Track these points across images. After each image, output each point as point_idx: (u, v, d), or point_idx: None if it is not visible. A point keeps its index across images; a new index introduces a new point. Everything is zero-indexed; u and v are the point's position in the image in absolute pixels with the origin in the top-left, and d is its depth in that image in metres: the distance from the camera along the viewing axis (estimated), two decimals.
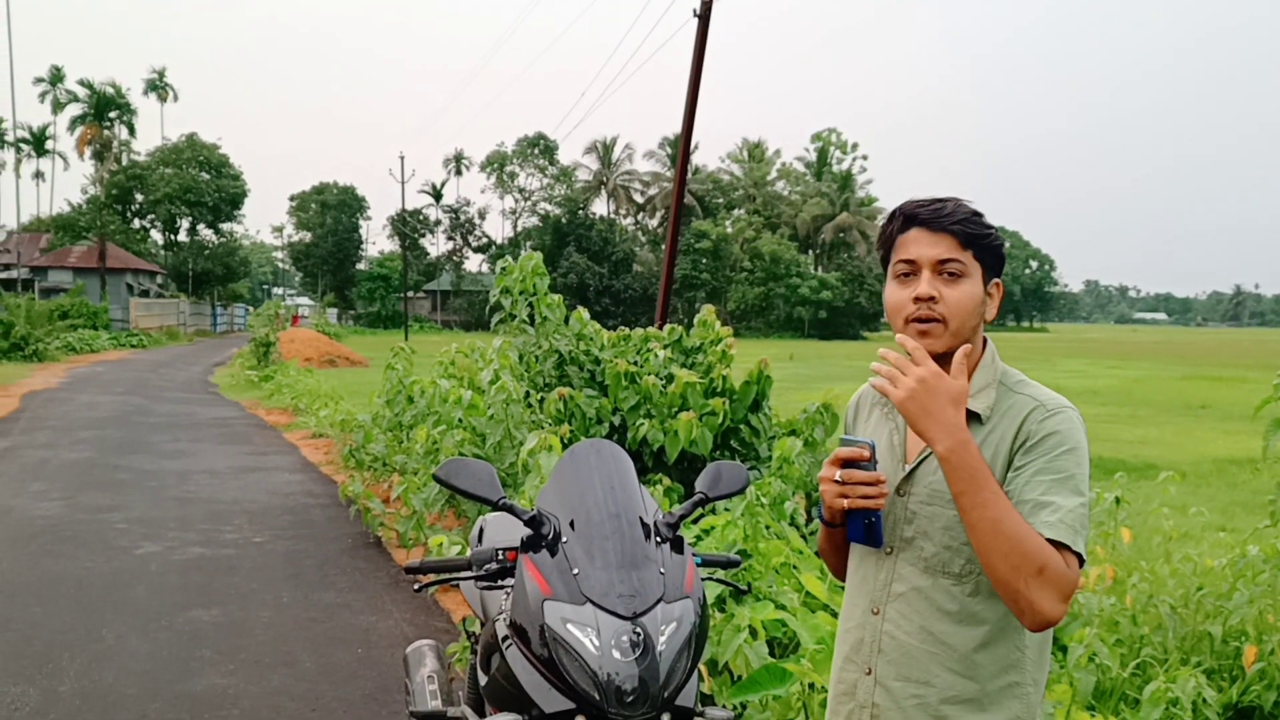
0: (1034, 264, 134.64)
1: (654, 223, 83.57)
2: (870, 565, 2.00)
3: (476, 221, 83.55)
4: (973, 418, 1.87)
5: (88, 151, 58.91)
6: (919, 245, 1.87)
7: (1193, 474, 12.01)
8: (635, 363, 7.97)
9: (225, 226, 66.43)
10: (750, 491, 4.79)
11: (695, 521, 5.07)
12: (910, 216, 1.90)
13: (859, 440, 1.90)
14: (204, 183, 61.65)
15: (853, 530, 1.96)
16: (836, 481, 1.89)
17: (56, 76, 61.55)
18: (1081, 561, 1.74)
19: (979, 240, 1.87)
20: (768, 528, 4.85)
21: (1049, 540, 1.72)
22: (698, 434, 6.88)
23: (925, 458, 1.92)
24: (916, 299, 1.85)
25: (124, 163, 61.17)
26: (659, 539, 2.40)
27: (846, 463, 1.89)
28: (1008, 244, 1.96)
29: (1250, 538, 4.95)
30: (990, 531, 1.72)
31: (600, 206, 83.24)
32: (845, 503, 1.88)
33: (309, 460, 13.02)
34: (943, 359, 1.86)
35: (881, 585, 1.97)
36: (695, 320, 8.55)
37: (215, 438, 15.02)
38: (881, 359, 1.85)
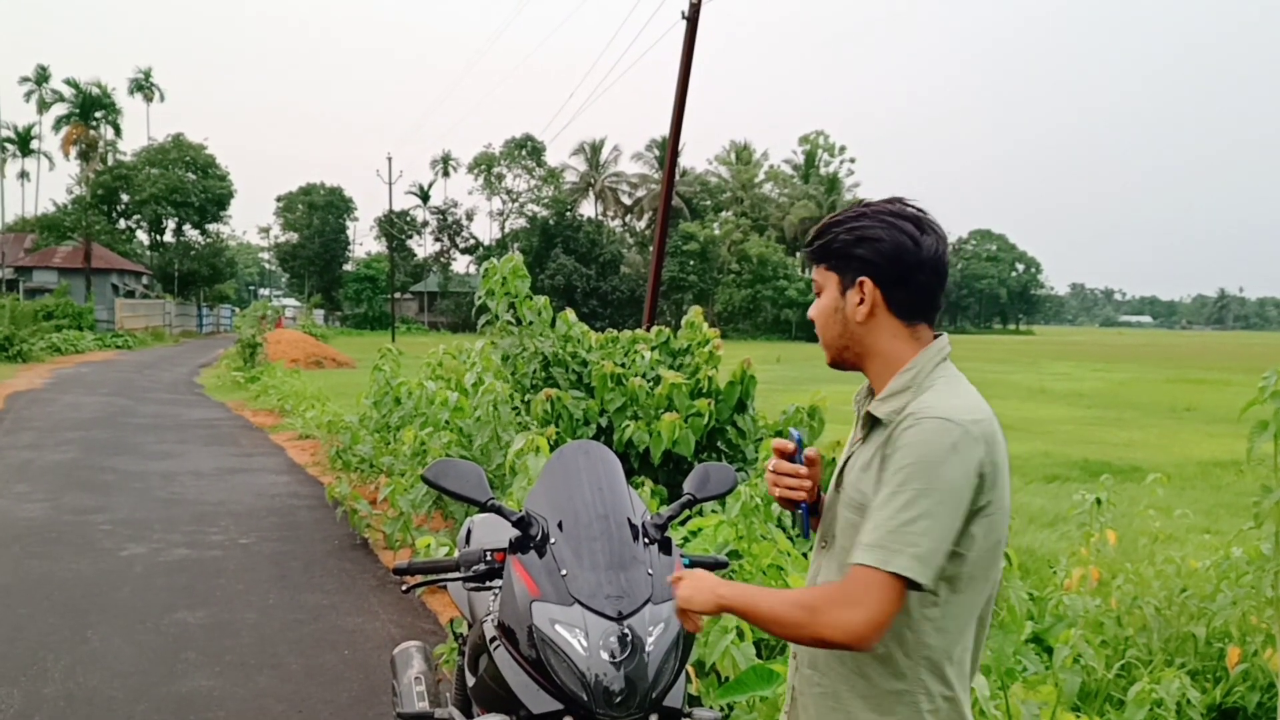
0: (1020, 267, 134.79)
1: (642, 224, 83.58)
2: (814, 556, 2.09)
3: (464, 223, 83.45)
4: (877, 423, 1.88)
5: (73, 151, 58.49)
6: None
7: (1178, 476, 12.07)
8: (622, 364, 7.97)
9: (211, 227, 66.08)
10: (744, 492, 4.81)
11: (683, 523, 5.08)
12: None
13: (791, 434, 2.00)
14: (190, 183, 61.30)
15: (795, 518, 2.09)
16: (772, 472, 2.01)
17: (42, 76, 61.12)
18: (908, 580, 1.72)
19: (824, 252, 1.94)
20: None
21: (859, 564, 1.75)
22: (680, 435, 6.88)
23: (848, 459, 1.96)
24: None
25: (110, 163, 60.76)
26: (647, 540, 2.40)
27: (783, 456, 2.00)
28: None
29: (1234, 540, 4.98)
30: (767, 628, 1.85)
31: (588, 208, 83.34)
32: (776, 492, 2.00)
33: (295, 462, 12.98)
34: (840, 367, 1.98)
35: (810, 578, 2.06)
36: (683, 322, 8.56)
37: (201, 439, 14.96)
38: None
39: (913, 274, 1.87)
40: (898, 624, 1.81)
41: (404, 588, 2.80)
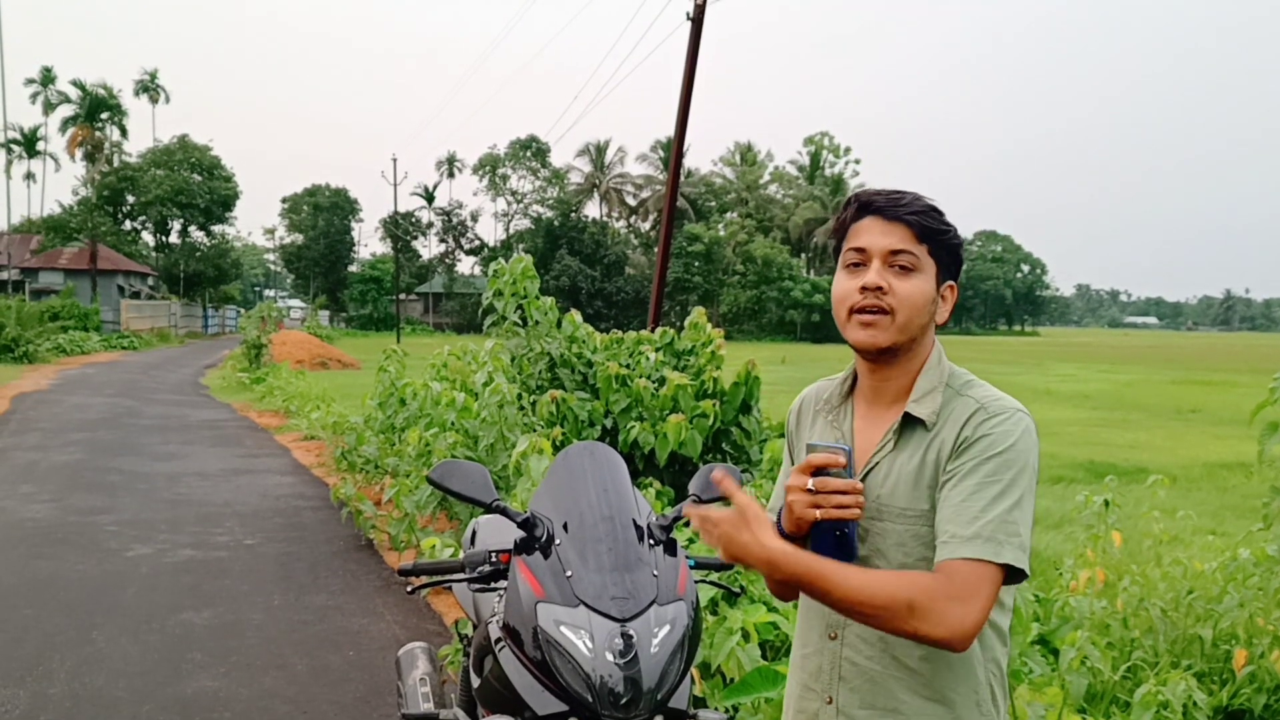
0: (1026, 268, 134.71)
1: (646, 226, 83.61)
2: None
3: (469, 224, 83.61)
4: (917, 423, 1.78)
5: (79, 153, 58.66)
6: (871, 234, 1.76)
7: (1183, 478, 12.05)
8: (627, 365, 7.97)
9: (216, 228, 66.31)
10: (749, 492, 4.80)
11: (688, 524, 5.07)
12: (865, 204, 1.80)
13: (832, 445, 1.75)
14: (195, 184, 61.49)
15: (819, 544, 1.76)
16: (809, 490, 1.74)
17: (48, 77, 61.20)
18: (1014, 571, 1.64)
19: (936, 235, 1.77)
20: None
21: (966, 559, 1.62)
22: (687, 436, 6.89)
23: (871, 468, 1.82)
24: (863, 288, 1.75)
25: (115, 164, 60.89)
26: (652, 541, 2.40)
27: (818, 470, 1.74)
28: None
29: (1241, 541, 4.96)
30: (850, 607, 1.64)
31: (593, 209, 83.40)
32: (818, 513, 1.73)
33: (300, 463, 12.98)
34: (886, 354, 1.79)
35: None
36: (687, 323, 8.56)
37: (206, 440, 14.97)
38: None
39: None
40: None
41: (409, 589, 2.80)
